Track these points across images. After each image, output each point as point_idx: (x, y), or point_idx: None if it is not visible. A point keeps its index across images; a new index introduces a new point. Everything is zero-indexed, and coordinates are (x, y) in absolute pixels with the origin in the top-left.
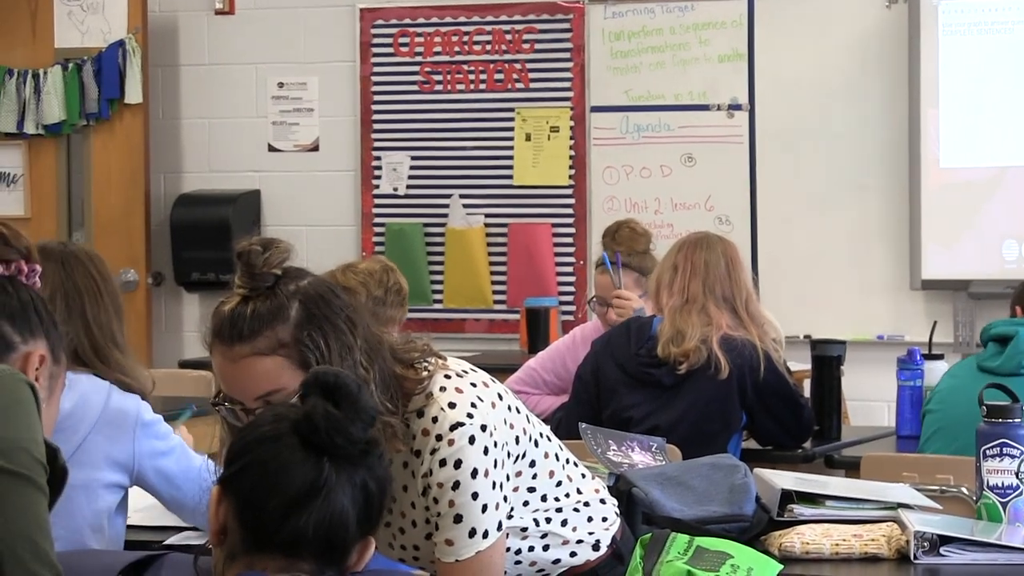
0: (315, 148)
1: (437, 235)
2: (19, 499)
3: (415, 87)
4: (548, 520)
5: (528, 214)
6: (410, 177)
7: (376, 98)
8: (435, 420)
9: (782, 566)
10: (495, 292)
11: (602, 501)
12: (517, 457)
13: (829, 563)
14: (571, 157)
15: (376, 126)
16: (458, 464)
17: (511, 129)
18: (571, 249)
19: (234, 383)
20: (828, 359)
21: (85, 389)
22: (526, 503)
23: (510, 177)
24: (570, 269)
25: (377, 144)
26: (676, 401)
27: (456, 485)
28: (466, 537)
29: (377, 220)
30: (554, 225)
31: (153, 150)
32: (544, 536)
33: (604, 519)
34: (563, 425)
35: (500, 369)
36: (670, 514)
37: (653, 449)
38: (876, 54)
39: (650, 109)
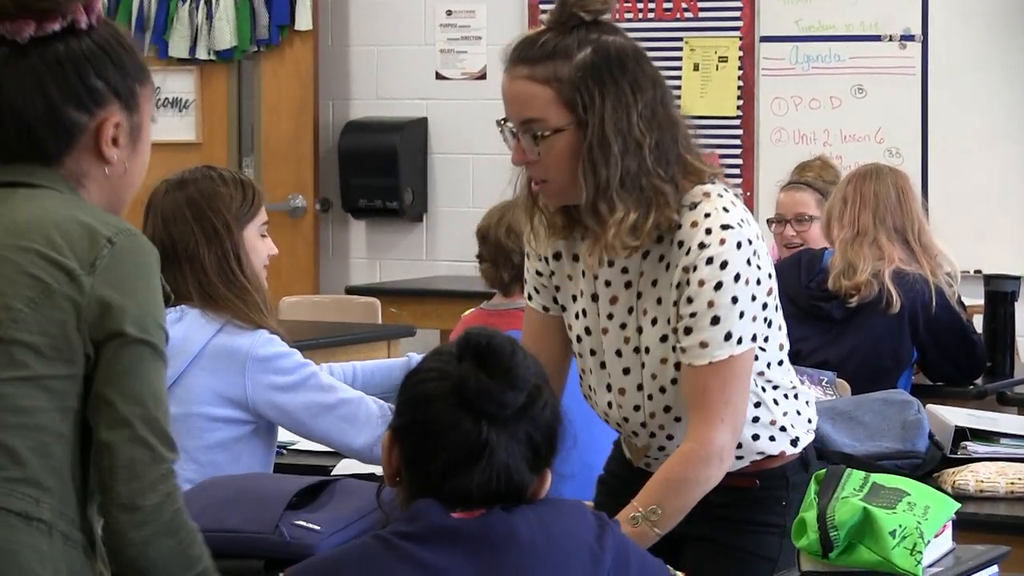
0: (483, 76)
1: None
2: (148, 368)
3: None
4: (764, 389)
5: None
6: None
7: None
8: (707, 216)
9: (959, 504)
10: None
11: (807, 403)
12: (763, 304)
13: (1004, 502)
14: (739, 87)
15: None
16: (724, 265)
17: (679, 59)
18: (738, 180)
19: (507, 99)
20: (1002, 295)
21: (190, 326)
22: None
23: (677, 107)
24: None
25: None
26: (846, 336)
27: (719, 285)
28: (721, 340)
29: None
30: (721, 156)
31: (322, 77)
32: (757, 406)
33: (809, 420)
34: None
35: None
36: (842, 449)
37: (823, 383)
38: None
39: (820, 39)
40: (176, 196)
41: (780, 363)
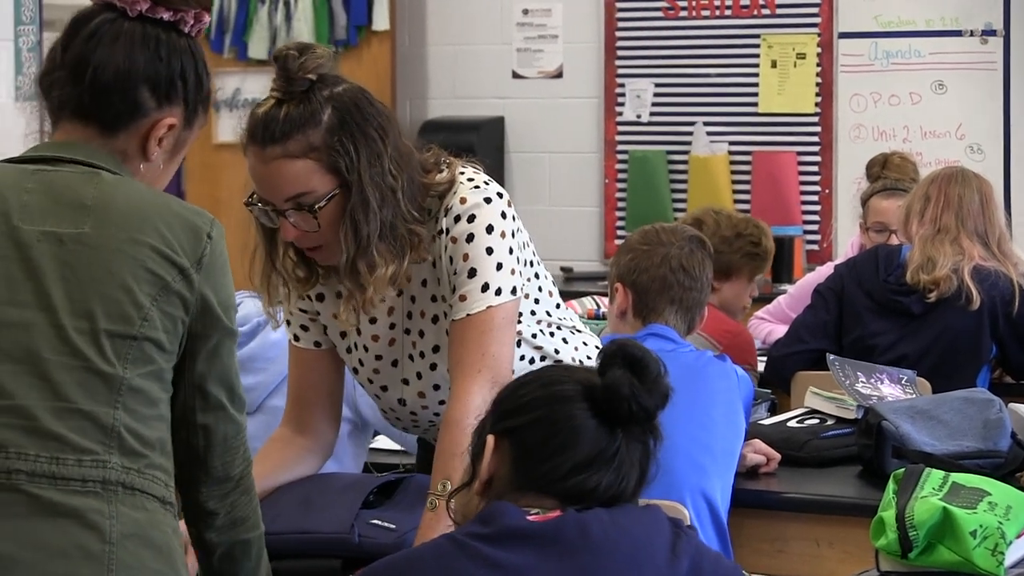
0: (559, 75)
1: (680, 163)
2: (231, 352)
3: (659, 13)
4: (552, 334)
5: (773, 142)
6: (653, 104)
7: (620, 24)
8: (455, 193)
9: None
10: None
11: (591, 334)
12: (526, 262)
13: None
14: (817, 84)
15: (620, 53)
16: (471, 219)
17: (756, 56)
18: (816, 178)
19: (265, 184)
20: None
21: None
22: (532, 312)
23: (755, 105)
24: (815, 198)
25: (621, 71)
26: (924, 330)
27: (470, 238)
28: (479, 291)
29: (620, 147)
30: (799, 153)
31: (399, 77)
32: (538, 349)
33: (597, 347)
34: (794, 330)
35: None
36: (921, 448)
37: (903, 382)
38: None
39: (900, 35)
40: None
41: (558, 306)
